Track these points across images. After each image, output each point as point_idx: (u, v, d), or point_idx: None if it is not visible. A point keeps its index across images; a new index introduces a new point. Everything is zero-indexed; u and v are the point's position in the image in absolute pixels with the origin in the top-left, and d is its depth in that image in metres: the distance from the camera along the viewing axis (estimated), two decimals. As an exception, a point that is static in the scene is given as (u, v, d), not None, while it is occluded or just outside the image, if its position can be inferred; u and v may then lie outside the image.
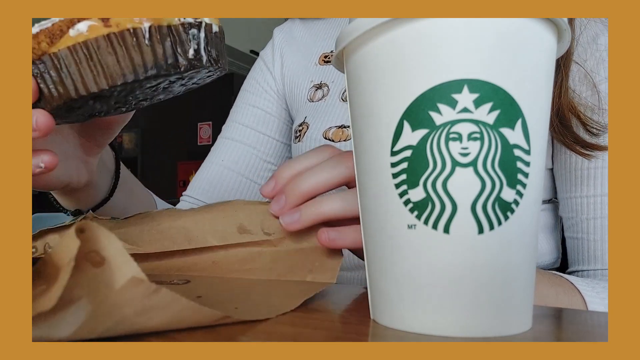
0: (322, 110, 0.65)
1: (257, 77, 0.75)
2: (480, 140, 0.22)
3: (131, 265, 0.19)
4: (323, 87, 0.67)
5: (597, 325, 0.26)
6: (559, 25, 0.24)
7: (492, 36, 0.22)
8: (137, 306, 0.20)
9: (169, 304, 0.20)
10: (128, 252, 0.38)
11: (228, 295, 0.30)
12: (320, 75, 0.68)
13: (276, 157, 0.73)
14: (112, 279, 0.19)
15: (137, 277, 0.19)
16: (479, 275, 0.22)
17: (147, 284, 0.19)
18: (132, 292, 0.19)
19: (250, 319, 0.24)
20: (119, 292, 0.19)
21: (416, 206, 0.23)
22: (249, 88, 0.75)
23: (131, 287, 0.19)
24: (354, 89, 0.26)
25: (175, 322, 0.22)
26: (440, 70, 0.22)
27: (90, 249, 0.19)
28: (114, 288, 0.19)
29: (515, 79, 0.22)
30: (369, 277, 0.26)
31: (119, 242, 0.19)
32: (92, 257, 0.19)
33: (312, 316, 0.27)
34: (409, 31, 0.23)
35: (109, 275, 0.19)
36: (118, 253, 0.19)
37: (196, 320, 0.22)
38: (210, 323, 0.23)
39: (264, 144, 0.72)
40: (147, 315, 0.20)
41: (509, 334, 0.23)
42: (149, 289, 0.19)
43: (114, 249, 0.19)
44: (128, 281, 0.19)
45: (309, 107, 0.67)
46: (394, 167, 0.23)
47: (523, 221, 0.23)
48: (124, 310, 0.20)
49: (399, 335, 0.23)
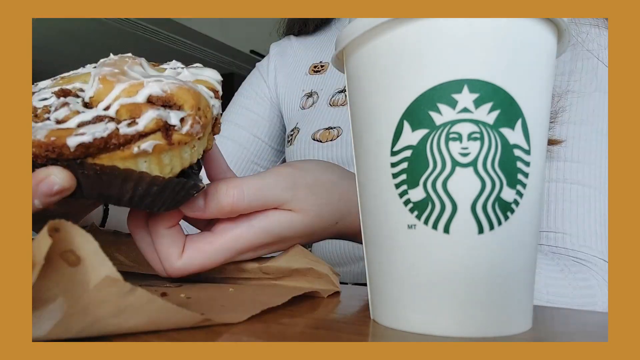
0: (312, 115, 0.68)
1: (252, 83, 0.78)
2: (480, 140, 0.22)
3: (106, 265, 0.19)
4: (313, 95, 0.70)
5: (597, 325, 0.26)
6: (559, 25, 0.24)
7: (492, 36, 0.22)
8: (111, 306, 0.19)
9: (144, 304, 0.20)
10: (129, 270, 0.38)
11: (217, 295, 0.30)
12: (311, 84, 0.71)
13: (264, 160, 0.75)
14: (87, 278, 0.19)
15: (112, 277, 0.19)
16: (479, 275, 0.22)
17: (121, 283, 0.19)
18: (107, 291, 0.19)
19: (231, 321, 0.24)
20: (93, 291, 0.19)
21: (416, 206, 0.23)
22: (244, 92, 0.78)
23: (105, 286, 0.19)
24: (354, 89, 0.26)
25: (152, 323, 0.21)
26: (440, 70, 0.22)
27: (66, 248, 0.19)
28: (89, 287, 0.19)
29: (515, 79, 0.22)
30: (369, 277, 0.26)
31: (94, 242, 0.19)
32: (67, 256, 0.19)
33: (312, 316, 0.27)
34: (409, 31, 0.23)
35: (84, 274, 0.19)
36: (93, 252, 0.19)
37: (175, 322, 0.22)
38: (191, 325, 0.23)
39: (254, 144, 0.74)
40: (122, 317, 0.20)
41: (508, 334, 0.23)
42: (124, 288, 0.19)
43: (89, 248, 0.19)
44: (102, 280, 0.19)
45: (300, 114, 0.70)
46: (394, 167, 0.23)
47: (523, 221, 0.23)
48: (98, 309, 0.19)
49: (399, 335, 0.23)
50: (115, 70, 0.27)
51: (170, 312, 0.21)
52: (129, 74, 0.27)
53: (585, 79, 0.50)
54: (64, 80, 0.30)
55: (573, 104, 0.50)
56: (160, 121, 0.26)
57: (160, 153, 0.26)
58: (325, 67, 0.71)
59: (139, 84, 0.26)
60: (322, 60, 0.72)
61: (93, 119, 0.25)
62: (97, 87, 0.27)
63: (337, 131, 0.63)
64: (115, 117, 0.26)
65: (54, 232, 0.19)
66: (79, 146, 0.24)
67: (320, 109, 0.67)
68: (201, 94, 0.28)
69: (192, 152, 0.29)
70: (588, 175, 0.48)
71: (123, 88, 0.26)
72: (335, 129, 0.64)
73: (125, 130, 0.25)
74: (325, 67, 0.71)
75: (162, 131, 0.26)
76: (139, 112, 0.26)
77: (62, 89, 0.29)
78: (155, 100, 0.26)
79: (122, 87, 0.26)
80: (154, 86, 0.26)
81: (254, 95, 0.76)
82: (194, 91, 0.27)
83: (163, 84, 0.26)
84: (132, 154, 0.25)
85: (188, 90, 0.27)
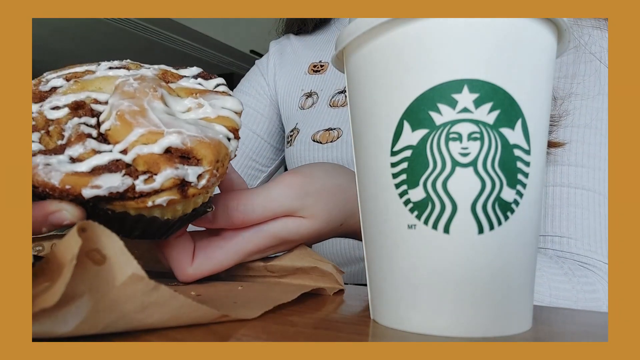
0: (312, 116, 0.67)
1: (251, 80, 0.78)
2: (480, 140, 0.22)
3: (131, 263, 0.20)
4: (313, 96, 0.69)
5: (597, 325, 0.26)
6: (559, 25, 0.24)
7: (493, 36, 0.22)
8: (136, 302, 0.20)
9: (167, 301, 0.21)
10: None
11: (227, 292, 0.30)
12: (310, 84, 0.71)
13: (262, 157, 0.74)
14: (113, 276, 0.20)
15: (137, 274, 0.19)
16: (479, 275, 0.22)
17: (146, 281, 0.20)
18: (132, 288, 0.20)
19: (246, 317, 0.24)
20: (120, 289, 0.20)
21: (416, 206, 0.23)
22: (243, 89, 0.77)
23: (131, 283, 0.20)
24: (354, 89, 0.26)
25: (174, 319, 0.22)
26: (440, 70, 0.22)
27: (92, 247, 0.20)
28: (115, 285, 0.20)
29: (515, 79, 0.22)
30: (369, 277, 0.26)
31: (119, 241, 0.20)
32: (93, 255, 0.20)
33: (312, 316, 0.27)
34: (409, 31, 0.23)
35: (110, 272, 0.20)
36: (119, 251, 0.20)
37: (194, 317, 0.23)
38: (209, 321, 0.23)
39: (252, 141, 0.73)
40: (147, 312, 0.21)
41: (509, 334, 0.23)
42: (149, 285, 0.20)
43: (114, 247, 0.20)
44: (128, 278, 0.19)
45: (299, 114, 0.70)
46: (394, 167, 0.23)
47: (523, 221, 0.23)
48: (124, 306, 0.20)
49: (399, 335, 0.23)
50: (134, 108, 0.27)
51: (192, 308, 0.22)
52: (149, 115, 0.27)
53: (588, 81, 0.50)
54: (78, 86, 0.30)
55: (577, 107, 0.49)
56: (177, 180, 0.25)
57: (175, 204, 0.27)
58: (325, 66, 0.70)
59: (158, 132, 0.26)
60: (321, 60, 0.71)
61: (109, 164, 0.25)
62: (114, 123, 0.26)
63: (337, 132, 0.63)
64: (132, 165, 0.26)
65: (82, 232, 0.19)
66: (94, 197, 0.24)
67: (320, 109, 0.67)
68: (221, 144, 0.27)
69: (206, 196, 0.29)
70: (592, 179, 0.48)
71: (141, 134, 0.26)
72: (335, 130, 0.64)
73: (141, 187, 0.25)
74: (325, 67, 0.70)
75: (178, 187, 0.26)
76: (157, 168, 0.25)
77: (76, 101, 0.28)
78: (173, 151, 0.26)
79: (140, 132, 0.26)
80: (174, 138, 0.26)
81: (253, 92, 0.76)
82: (214, 144, 0.27)
83: (183, 137, 0.26)
84: (146, 207, 0.25)
85: (208, 144, 0.27)
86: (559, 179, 0.49)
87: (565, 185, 0.48)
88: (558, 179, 0.49)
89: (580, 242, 0.47)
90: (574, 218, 0.47)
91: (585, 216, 0.47)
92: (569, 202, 0.48)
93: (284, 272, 0.35)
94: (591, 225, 0.47)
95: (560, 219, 0.48)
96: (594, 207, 0.47)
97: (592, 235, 0.47)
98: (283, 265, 0.34)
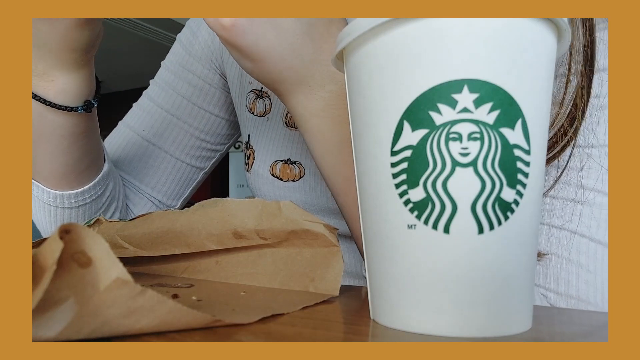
0: (265, 132, 0.58)
1: (184, 43, 0.63)
2: (480, 140, 0.22)
3: (117, 266, 0.19)
4: (264, 98, 0.58)
5: (597, 325, 0.26)
6: (559, 25, 0.24)
7: (492, 36, 0.22)
8: (122, 307, 0.20)
9: (154, 306, 0.20)
10: (132, 255, 0.37)
11: (229, 299, 0.30)
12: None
13: (215, 136, 0.64)
14: (98, 279, 0.19)
15: (122, 279, 0.19)
16: (479, 275, 0.22)
17: (131, 285, 0.19)
18: (117, 293, 0.19)
19: (241, 322, 0.24)
20: (104, 293, 0.19)
21: (416, 206, 0.23)
22: (177, 51, 0.64)
23: (116, 288, 0.19)
24: (354, 89, 0.26)
25: (164, 324, 0.21)
26: (440, 70, 0.22)
27: (77, 249, 0.19)
28: (99, 289, 0.19)
29: (515, 79, 0.22)
30: (369, 277, 0.26)
31: (105, 243, 0.19)
32: (78, 257, 0.19)
33: (312, 316, 0.27)
34: (409, 31, 0.23)
35: (95, 276, 0.19)
36: (104, 254, 0.19)
37: (185, 322, 0.22)
38: (202, 326, 0.23)
39: (199, 117, 0.62)
40: (133, 317, 0.20)
41: (508, 334, 0.23)
42: (134, 290, 0.19)
43: (100, 249, 0.19)
44: (112, 282, 0.19)
45: (250, 120, 0.59)
46: (394, 167, 0.23)
47: (523, 221, 0.23)
48: (108, 311, 0.19)
49: (399, 335, 0.23)
50: None
51: (181, 313, 0.21)
52: None
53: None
54: None
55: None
56: None
57: None
58: None
59: None
60: None
61: None
62: None
63: (299, 170, 0.55)
64: None
65: (65, 234, 0.19)
66: None
67: (274, 126, 0.57)
68: None
69: None
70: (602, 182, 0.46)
71: None
72: (296, 166, 0.55)
73: None
74: None
75: None
76: None
77: None
78: None
79: None
80: None
81: (198, 54, 0.62)
82: None
83: None
84: None
85: None
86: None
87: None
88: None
89: None
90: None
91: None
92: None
93: (277, 239, 0.34)
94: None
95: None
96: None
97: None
98: (275, 231, 0.34)
